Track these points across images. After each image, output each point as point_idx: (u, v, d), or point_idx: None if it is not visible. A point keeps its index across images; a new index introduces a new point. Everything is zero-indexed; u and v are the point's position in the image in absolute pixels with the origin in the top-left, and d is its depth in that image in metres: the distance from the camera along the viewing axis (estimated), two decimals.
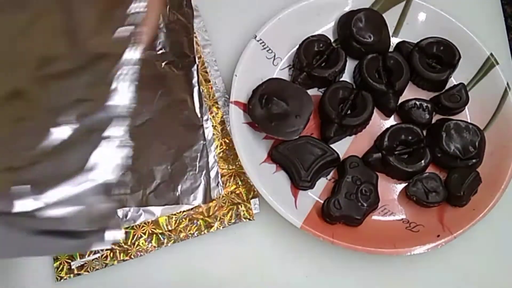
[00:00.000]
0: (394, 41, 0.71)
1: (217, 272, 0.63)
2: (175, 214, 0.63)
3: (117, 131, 0.42)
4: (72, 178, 0.41)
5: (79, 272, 0.61)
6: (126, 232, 0.62)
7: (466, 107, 0.68)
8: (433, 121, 0.67)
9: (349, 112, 0.66)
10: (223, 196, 0.64)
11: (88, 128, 0.43)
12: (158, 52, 0.67)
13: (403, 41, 0.70)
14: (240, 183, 0.65)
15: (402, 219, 0.64)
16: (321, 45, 0.68)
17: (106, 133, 0.42)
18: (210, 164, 0.64)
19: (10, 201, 0.39)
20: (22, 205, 0.40)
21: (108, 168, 0.41)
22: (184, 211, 0.63)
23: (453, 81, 0.69)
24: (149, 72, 0.65)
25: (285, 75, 0.69)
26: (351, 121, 0.65)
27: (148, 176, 0.62)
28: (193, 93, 0.66)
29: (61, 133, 0.43)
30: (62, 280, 0.61)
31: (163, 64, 0.66)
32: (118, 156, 0.41)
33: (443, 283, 0.64)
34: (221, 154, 0.65)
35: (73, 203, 0.40)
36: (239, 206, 0.64)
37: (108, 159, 0.41)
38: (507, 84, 0.67)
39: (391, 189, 0.65)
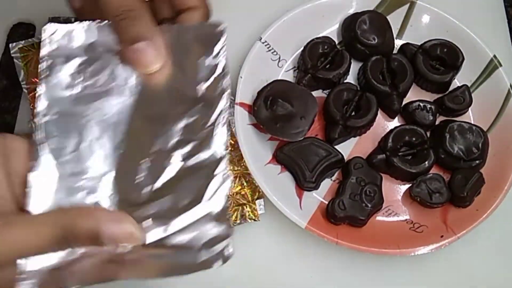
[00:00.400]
0: (398, 43, 0.71)
1: (222, 272, 0.62)
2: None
3: (221, 167, 0.49)
4: (189, 209, 0.47)
5: None
6: None
7: (470, 108, 0.68)
8: (437, 122, 0.67)
9: (353, 113, 0.66)
10: (228, 197, 0.64)
11: (196, 166, 0.49)
12: None
13: (407, 43, 0.70)
14: (245, 184, 0.65)
15: (406, 219, 0.64)
16: (325, 47, 0.68)
17: (216, 171, 0.49)
18: None
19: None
20: (150, 236, 0.46)
21: (219, 199, 0.48)
22: None
23: (456, 82, 0.69)
24: None
25: (290, 76, 0.69)
26: (355, 122, 0.65)
27: None
28: None
29: (171, 171, 0.49)
30: None
31: None
32: (225, 187, 0.48)
33: (447, 284, 0.64)
34: None
35: (191, 230, 0.47)
36: (244, 207, 0.64)
37: (218, 191, 0.48)
38: (510, 85, 0.67)
39: (395, 190, 0.65)
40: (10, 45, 0.69)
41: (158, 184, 0.49)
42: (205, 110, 0.53)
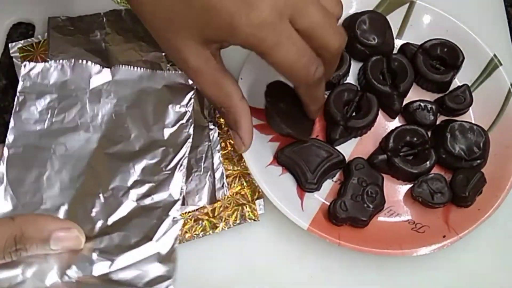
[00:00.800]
0: (398, 43, 0.71)
1: (222, 272, 0.63)
2: (180, 215, 0.62)
3: (174, 210, 0.53)
4: (137, 247, 0.50)
5: None
6: None
7: (470, 108, 0.68)
8: (438, 122, 0.67)
9: (354, 114, 0.66)
10: (228, 197, 0.64)
11: (150, 207, 0.53)
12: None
13: (407, 43, 0.70)
14: (245, 184, 0.65)
15: (407, 220, 0.64)
16: None
17: (169, 213, 0.53)
18: (215, 165, 0.64)
19: (90, 266, 0.49)
20: (97, 269, 0.49)
21: (168, 241, 0.51)
22: (189, 212, 0.63)
23: (457, 82, 0.69)
24: None
25: None
26: (356, 123, 0.65)
27: None
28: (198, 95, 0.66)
29: (125, 209, 0.52)
30: None
31: (168, 65, 0.67)
32: (175, 230, 0.52)
33: (449, 284, 0.64)
34: (226, 155, 0.65)
35: (136, 268, 0.50)
36: (244, 207, 0.64)
37: (168, 233, 0.52)
38: (511, 84, 0.67)
39: (396, 190, 0.65)
40: (10, 44, 0.69)
41: (110, 220, 0.52)
42: (166, 154, 0.56)
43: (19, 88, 0.58)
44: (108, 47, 0.68)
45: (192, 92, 0.60)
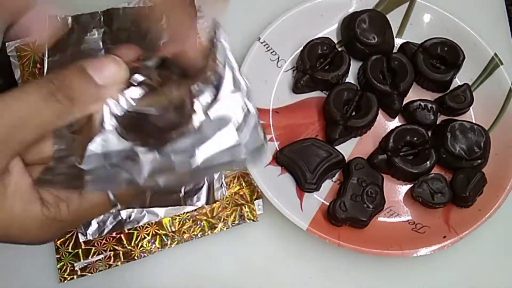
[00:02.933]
0: (398, 42, 0.71)
1: (220, 273, 0.63)
2: (178, 215, 0.63)
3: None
4: None
5: (82, 273, 0.61)
6: (129, 233, 0.62)
7: (471, 107, 0.68)
8: (438, 122, 0.67)
9: (353, 113, 0.66)
10: (226, 197, 0.64)
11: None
12: None
13: (407, 42, 0.70)
14: (243, 184, 0.64)
15: (408, 220, 0.63)
16: (325, 47, 0.68)
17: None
18: None
19: None
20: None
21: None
22: (187, 212, 0.63)
23: (457, 81, 0.69)
24: None
25: (289, 77, 0.69)
26: (356, 122, 0.65)
27: None
28: None
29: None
30: (65, 281, 0.61)
31: None
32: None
33: (450, 285, 0.64)
34: None
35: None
36: (243, 207, 0.64)
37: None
38: None
39: (396, 191, 0.65)
40: (7, 44, 0.68)
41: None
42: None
43: None
44: (106, 46, 0.67)
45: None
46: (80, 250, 0.61)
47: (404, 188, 0.65)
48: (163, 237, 0.62)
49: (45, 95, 0.37)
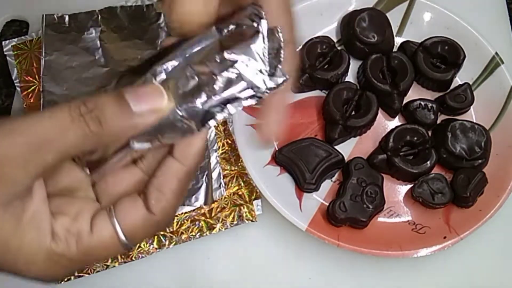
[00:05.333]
0: (398, 40, 0.70)
1: (219, 273, 0.63)
2: (176, 216, 0.62)
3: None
4: None
5: (80, 274, 0.61)
6: None
7: (472, 107, 0.68)
8: (438, 121, 0.67)
9: (353, 113, 0.66)
10: (225, 197, 0.63)
11: None
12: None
13: (407, 41, 0.70)
14: (242, 184, 0.64)
15: (408, 220, 0.63)
16: (324, 46, 0.68)
17: None
18: (212, 165, 0.64)
19: None
20: None
21: None
22: (185, 213, 0.62)
23: (458, 81, 0.69)
24: None
25: None
26: (355, 122, 0.64)
27: None
28: None
29: None
30: (63, 282, 0.60)
31: None
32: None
33: (450, 285, 0.64)
34: (223, 155, 0.65)
35: None
36: (242, 207, 0.63)
37: None
38: None
39: (396, 191, 0.65)
40: (3, 42, 0.68)
41: None
42: None
43: None
44: (103, 44, 0.67)
45: None
46: None
47: (404, 188, 0.65)
48: (161, 237, 0.61)
49: (74, 116, 0.35)
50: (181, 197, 0.40)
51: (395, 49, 0.70)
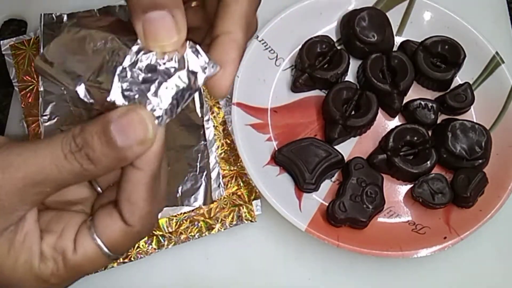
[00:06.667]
0: (398, 40, 0.70)
1: (218, 274, 0.63)
2: (175, 216, 0.62)
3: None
4: None
5: None
6: None
7: (472, 106, 0.67)
8: (439, 121, 0.66)
9: (353, 113, 0.66)
10: (224, 198, 0.63)
11: None
12: None
13: (407, 40, 0.70)
14: (241, 184, 0.64)
15: (408, 221, 0.63)
16: (324, 46, 0.68)
17: None
18: (211, 165, 0.64)
19: None
20: None
21: None
22: (184, 213, 0.62)
23: (458, 80, 0.69)
24: None
25: (287, 75, 0.68)
26: (355, 122, 0.64)
27: None
28: None
29: None
30: None
31: None
32: None
33: (450, 286, 0.63)
34: (222, 155, 0.65)
35: None
36: (241, 208, 0.63)
37: None
38: None
39: (396, 191, 0.65)
40: (1, 42, 0.68)
41: None
42: None
43: None
44: None
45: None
46: None
47: (404, 188, 0.65)
48: (160, 238, 0.61)
49: (66, 154, 0.37)
50: (155, 201, 0.40)
51: (395, 49, 0.70)
